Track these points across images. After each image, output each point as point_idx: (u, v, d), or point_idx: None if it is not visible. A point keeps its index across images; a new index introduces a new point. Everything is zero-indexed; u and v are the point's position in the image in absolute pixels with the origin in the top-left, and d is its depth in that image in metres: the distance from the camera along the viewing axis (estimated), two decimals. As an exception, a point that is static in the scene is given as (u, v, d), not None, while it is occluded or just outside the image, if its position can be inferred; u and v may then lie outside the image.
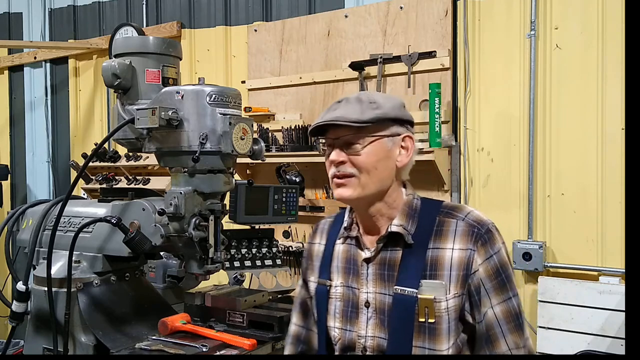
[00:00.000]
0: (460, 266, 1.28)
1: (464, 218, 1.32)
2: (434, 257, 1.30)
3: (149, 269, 2.40)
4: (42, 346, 1.94)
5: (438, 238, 1.32)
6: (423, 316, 1.27)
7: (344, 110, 1.31)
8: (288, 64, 3.37)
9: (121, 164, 3.66)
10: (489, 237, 1.30)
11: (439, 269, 1.29)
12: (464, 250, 1.28)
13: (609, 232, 2.52)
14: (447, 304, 1.27)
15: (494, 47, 2.79)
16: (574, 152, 2.60)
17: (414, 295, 1.28)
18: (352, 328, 1.37)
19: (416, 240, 1.32)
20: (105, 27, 4.25)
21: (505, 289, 1.30)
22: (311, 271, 1.52)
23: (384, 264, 1.35)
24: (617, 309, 2.39)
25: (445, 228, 1.32)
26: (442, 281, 1.28)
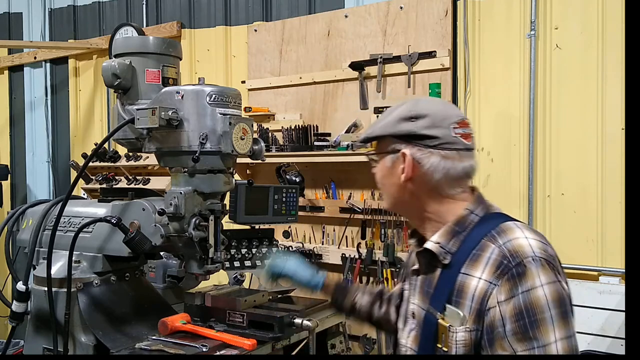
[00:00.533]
0: (479, 299, 1.17)
1: (500, 246, 1.18)
2: (461, 283, 1.21)
3: (149, 269, 2.40)
4: (42, 346, 1.94)
5: (472, 263, 1.21)
6: (440, 342, 1.22)
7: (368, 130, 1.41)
8: (288, 64, 3.37)
9: (121, 164, 3.66)
10: (520, 272, 1.14)
11: (463, 297, 1.20)
12: (487, 282, 1.16)
13: (609, 232, 2.51)
14: (464, 336, 1.18)
15: (494, 47, 2.79)
16: (574, 152, 2.60)
17: (436, 318, 1.23)
18: (401, 333, 1.39)
19: (454, 260, 1.24)
20: (105, 27, 4.25)
21: (529, 336, 1.10)
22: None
23: (426, 279, 1.33)
24: (617, 309, 2.39)
25: (482, 253, 1.20)
26: (462, 311, 1.18)
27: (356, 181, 3.09)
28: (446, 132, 1.29)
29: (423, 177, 1.29)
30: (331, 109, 3.20)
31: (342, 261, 3.06)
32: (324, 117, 3.22)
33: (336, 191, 3.15)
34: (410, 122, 1.30)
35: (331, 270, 3.18)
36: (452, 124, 1.30)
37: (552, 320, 1.11)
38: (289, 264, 1.79)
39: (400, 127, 1.30)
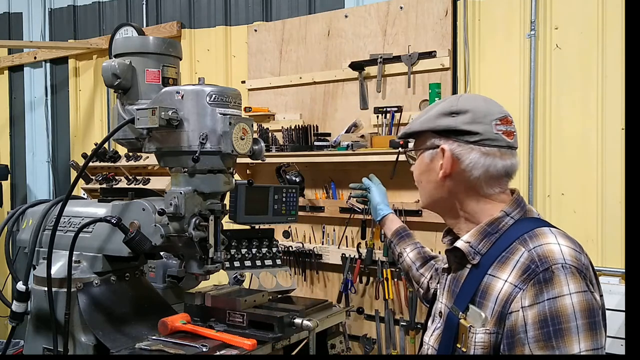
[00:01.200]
0: (502, 302, 1.15)
1: (530, 249, 1.17)
2: (487, 284, 1.20)
3: (149, 269, 2.40)
4: (42, 346, 1.94)
5: (500, 265, 1.19)
6: (460, 342, 1.21)
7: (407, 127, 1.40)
8: (288, 64, 3.37)
9: (121, 164, 3.66)
10: (547, 278, 1.11)
11: (487, 298, 1.18)
12: (512, 285, 1.14)
13: (609, 232, 2.51)
14: (483, 338, 1.16)
15: (494, 47, 2.79)
16: (574, 152, 2.60)
17: (458, 318, 1.22)
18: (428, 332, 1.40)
19: (483, 261, 1.23)
20: (105, 27, 4.25)
21: (552, 345, 1.07)
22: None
23: (455, 279, 1.33)
24: (617, 309, 2.39)
25: (511, 256, 1.18)
26: (484, 313, 1.17)
27: (356, 181, 3.08)
28: (487, 128, 1.27)
29: (462, 174, 1.27)
30: (331, 109, 3.20)
31: (342, 261, 3.06)
32: (324, 117, 3.22)
33: (336, 191, 3.15)
34: (451, 117, 1.28)
35: (331, 271, 3.18)
36: (494, 120, 1.29)
37: (578, 330, 1.07)
38: (379, 187, 2.15)
39: (440, 122, 1.29)
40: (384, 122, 2.89)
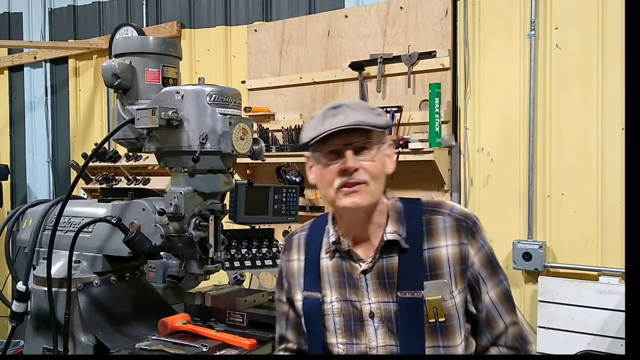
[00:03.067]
0: (458, 261, 1.31)
1: (449, 213, 1.35)
2: (430, 257, 1.31)
3: (149, 269, 2.40)
4: (42, 346, 1.94)
5: (430, 238, 1.33)
6: (432, 317, 1.28)
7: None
8: (288, 64, 3.37)
9: (121, 164, 3.66)
10: (477, 228, 1.34)
11: (438, 268, 1.30)
12: (458, 245, 1.31)
13: (609, 232, 2.52)
14: (455, 301, 1.29)
15: (494, 47, 2.79)
16: (574, 152, 2.60)
17: (421, 298, 1.28)
18: (358, 341, 1.34)
19: (409, 243, 1.32)
20: (105, 27, 4.25)
21: (496, 274, 1.35)
22: (295, 289, 1.46)
23: (382, 272, 1.33)
24: (617, 309, 2.39)
25: (434, 226, 1.33)
26: (445, 279, 1.29)
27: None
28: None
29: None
30: (331, 109, 3.20)
31: (342, 261, 3.06)
32: (324, 117, 3.21)
33: (336, 191, 3.15)
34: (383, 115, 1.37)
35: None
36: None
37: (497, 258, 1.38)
38: None
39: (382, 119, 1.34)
40: (384, 122, 2.88)
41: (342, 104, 1.32)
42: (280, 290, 1.52)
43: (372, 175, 1.29)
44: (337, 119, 1.27)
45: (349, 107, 1.30)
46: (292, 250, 1.50)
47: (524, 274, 2.71)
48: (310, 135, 1.30)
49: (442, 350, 1.28)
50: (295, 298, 1.45)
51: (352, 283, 1.36)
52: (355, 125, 1.26)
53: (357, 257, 1.37)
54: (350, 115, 1.27)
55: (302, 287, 1.44)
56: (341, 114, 1.28)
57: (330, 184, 1.31)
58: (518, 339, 1.35)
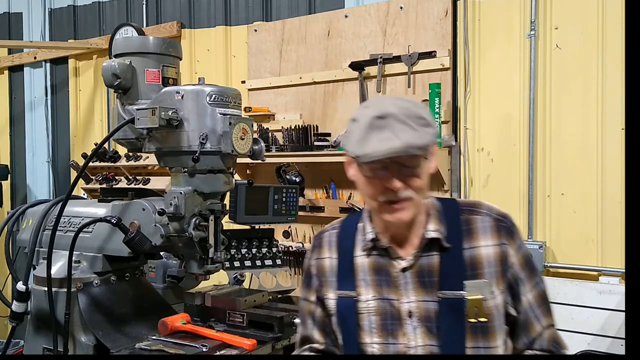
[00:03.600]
0: (498, 262, 1.30)
1: (488, 213, 1.35)
2: (471, 256, 1.31)
3: (149, 269, 2.40)
4: (42, 346, 1.94)
5: (470, 237, 1.32)
6: (473, 316, 1.26)
7: (406, 133, 1.20)
8: (288, 64, 3.37)
9: (121, 164, 3.66)
10: (515, 229, 1.35)
11: (479, 267, 1.30)
12: (498, 245, 1.31)
13: (609, 232, 2.51)
14: (496, 301, 1.29)
15: (494, 47, 2.79)
16: (574, 152, 2.60)
17: (462, 298, 1.27)
18: (395, 341, 1.31)
19: (450, 242, 1.32)
20: (105, 27, 4.25)
21: (534, 275, 1.35)
22: (327, 287, 1.43)
23: (422, 271, 1.32)
24: (617, 309, 2.39)
25: (473, 226, 1.33)
26: (485, 279, 1.29)
27: (356, 181, 3.09)
28: None
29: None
30: (331, 109, 3.20)
31: (342, 261, 3.06)
32: (324, 117, 3.22)
33: (336, 191, 3.15)
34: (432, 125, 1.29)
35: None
36: None
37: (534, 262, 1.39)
38: None
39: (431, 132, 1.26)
40: (384, 122, 2.88)
41: (389, 114, 1.22)
42: (307, 289, 1.49)
43: (417, 190, 1.27)
44: (385, 136, 1.20)
45: (397, 119, 1.21)
46: (324, 248, 1.47)
47: (524, 274, 2.71)
48: (356, 153, 1.24)
49: (482, 351, 1.27)
50: (327, 297, 1.42)
51: (390, 281, 1.34)
52: (405, 152, 1.19)
53: (396, 255, 1.35)
54: (399, 134, 1.20)
55: (335, 285, 1.41)
56: (388, 129, 1.20)
57: (374, 197, 1.29)
58: (553, 343, 1.35)
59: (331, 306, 1.41)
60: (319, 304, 1.46)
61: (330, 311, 1.42)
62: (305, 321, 1.50)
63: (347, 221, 1.49)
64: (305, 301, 1.50)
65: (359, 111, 1.29)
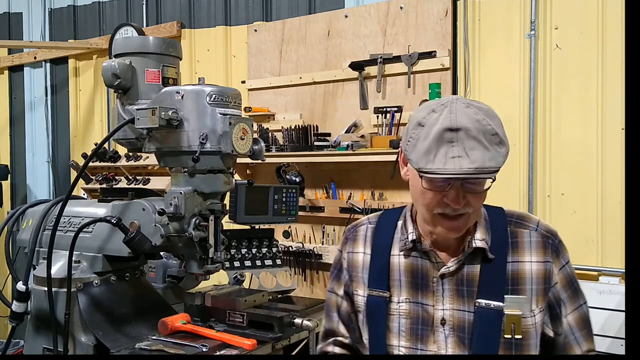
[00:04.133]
0: (541, 280, 1.26)
1: (536, 229, 1.31)
2: (514, 271, 1.26)
3: (149, 269, 2.40)
4: (42, 346, 1.94)
5: (515, 251, 1.28)
6: (509, 332, 1.22)
7: (477, 153, 1.13)
8: (288, 64, 3.37)
9: (121, 164, 3.66)
10: (562, 247, 1.31)
11: (521, 283, 1.26)
12: (542, 262, 1.27)
13: (609, 232, 2.51)
14: (535, 320, 1.25)
15: (494, 47, 2.79)
16: (574, 152, 2.60)
17: (501, 311, 1.23)
18: (424, 347, 1.28)
19: (494, 253, 1.27)
20: (105, 27, 4.25)
21: (577, 297, 1.31)
22: (357, 283, 1.39)
23: (462, 279, 1.27)
24: (617, 309, 2.39)
25: (520, 240, 1.29)
26: (526, 296, 1.25)
27: (356, 181, 3.09)
28: None
29: None
30: (331, 109, 3.20)
31: (342, 261, 3.06)
32: (324, 117, 3.22)
33: (336, 191, 3.15)
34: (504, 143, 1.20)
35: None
36: None
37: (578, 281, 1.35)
38: None
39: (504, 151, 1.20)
40: (384, 122, 2.89)
41: (461, 127, 1.14)
42: (337, 282, 1.45)
43: (475, 207, 1.22)
44: (455, 151, 1.13)
45: (469, 135, 1.14)
46: (358, 242, 1.42)
47: (524, 274, 2.71)
48: (420, 166, 1.15)
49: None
50: (356, 293, 1.39)
51: (427, 285, 1.30)
52: (477, 175, 1.12)
53: (437, 260, 1.30)
54: (471, 153, 1.13)
55: (366, 282, 1.37)
56: (459, 145, 1.13)
57: (428, 207, 1.23)
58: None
59: (360, 303, 1.38)
60: (347, 299, 1.42)
61: (359, 308, 1.38)
62: (331, 314, 1.46)
63: (385, 217, 1.43)
64: (332, 293, 1.46)
65: (426, 114, 1.19)
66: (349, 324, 1.43)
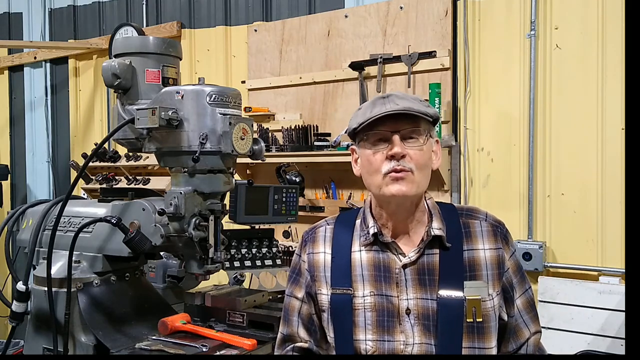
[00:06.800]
0: (495, 265, 1.34)
1: (485, 219, 1.39)
2: (470, 258, 1.34)
3: (149, 269, 2.40)
4: (42, 346, 1.94)
5: (469, 239, 1.36)
6: (471, 317, 1.29)
7: (406, 103, 1.29)
8: (288, 64, 3.37)
9: (121, 164, 3.66)
10: (509, 235, 1.40)
11: (477, 269, 1.33)
12: (495, 249, 1.35)
13: (609, 232, 2.52)
14: (493, 303, 1.32)
15: (494, 47, 2.79)
16: (574, 152, 2.60)
17: (461, 297, 1.29)
18: (390, 338, 1.31)
19: (451, 242, 1.34)
20: (105, 27, 4.25)
21: (525, 282, 1.40)
22: (320, 282, 1.41)
23: (423, 268, 1.33)
24: (617, 309, 2.39)
25: (472, 229, 1.37)
26: (483, 281, 1.32)
27: (356, 181, 3.07)
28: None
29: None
30: (331, 109, 3.20)
31: (342, 261, 3.06)
32: (324, 117, 3.22)
33: (336, 191, 3.15)
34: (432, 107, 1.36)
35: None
36: None
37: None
38: None
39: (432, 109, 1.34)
40: (384, 122, 2.88)
41: (392, 94, 1.33)
42: (296, 286, 1.47)
43: (417, 165, 1.30)
44: (387, 107, 1.28)
45: (398, 97, 1.32)
46: (318, 243, 1.46)
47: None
48: (359, 121, 1.31)
49: (477, 351, 1.29)
50: (320, 292, 1.41)
51: (390, 277, 1.34)
52: (404, 110, 1.27)
53: (398, 251, 1.35)
54: (400, 103, 1.29)
55: (329, 281, 1.39)
56: (390, 102, 1.30)
57: (377, 171, 1.31)
58: (537, 349, 1.40)
59: (324, 302, 1.39)
60: (309, 300, 1.43)
61: (323, 307, 1.40)
62: (291, 318, 1.47)
63: (343, 217, 1.48)
64: (292, 297, 1.47)
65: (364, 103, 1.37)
66: (310, 327, 1.44)
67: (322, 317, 1.40)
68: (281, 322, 1.50)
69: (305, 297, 1.44)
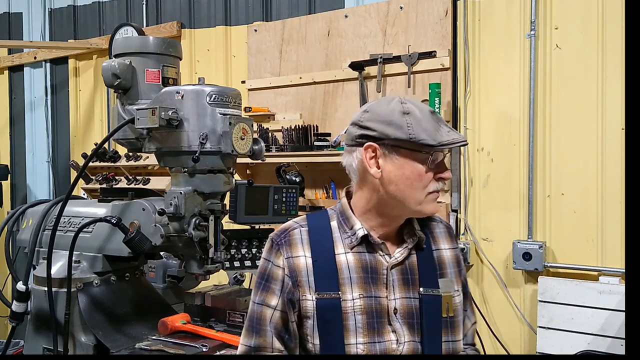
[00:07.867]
0: (455, 263, 1.45)
1: (440, 221, 1.50)
2: (438, 257, 1.43)
3: (149, 269, 2.40)
4: (42, 346, 1.95)
5: (434, 241, 1.45)
6: (445, 312, 1.36)
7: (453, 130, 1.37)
8: (288, 64, 3.37)
9: (121, 164, 3.66)
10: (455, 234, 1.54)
11: (444, 267, 1.42)
12: (453, 249, 1.46)
13: (609, 232, 2.51)
14: (460, 298, 1.42)
15: (494, 47, 2.79)
16: (574, 152, 2.60)
17: (439, 295, 1.37)
18: (381, 339, 1.30)
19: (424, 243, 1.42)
20: (105, 27, 4.25)
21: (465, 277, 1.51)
22: (304, 288, 1.32)
23: (406, 268, 1.38)
24: (617, 309, 2.39)
25: (434, 231, 1.46)
26: (449, 278, 1.41)
27: (356, 181, 3.09)
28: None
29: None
30: (331, 109, 3.20)
31: (342, 261, 3.06)
32: (324, 117, 3.22)
33: (336, 191, 3.15)
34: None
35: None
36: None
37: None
38: None
39: None
40: (384, 122, 2.88)
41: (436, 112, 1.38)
42: (266, 293, 1.36)
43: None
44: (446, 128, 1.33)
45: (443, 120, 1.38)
46: (295, 246, 1.36)
47: (524, 274, 2.71)
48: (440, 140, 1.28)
49: (451, 345, 1.36)
50: (304, 297, 1.32)
51: (377, 278, 1.34)
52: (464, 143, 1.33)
53: (386, 252, 1.37)
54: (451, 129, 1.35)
55: (313, 286, 1.32)
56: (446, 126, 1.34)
57: (424, 187, 1.32)
58: (473, 338, 1.52)
59: (309, 308, 1.31)
60: (288, 307, 1.34)
61: (307, 314, 1.32)
62: (263, 328, 1.34)
63: (314, 219, 1.43)
64: (263, 306, 1.35)
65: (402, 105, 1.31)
66: (284, 336, 1.35)
67: (305, 324, 1.32)
68: (245, 334, 1.38)
69: (282, 304, 1.34)
